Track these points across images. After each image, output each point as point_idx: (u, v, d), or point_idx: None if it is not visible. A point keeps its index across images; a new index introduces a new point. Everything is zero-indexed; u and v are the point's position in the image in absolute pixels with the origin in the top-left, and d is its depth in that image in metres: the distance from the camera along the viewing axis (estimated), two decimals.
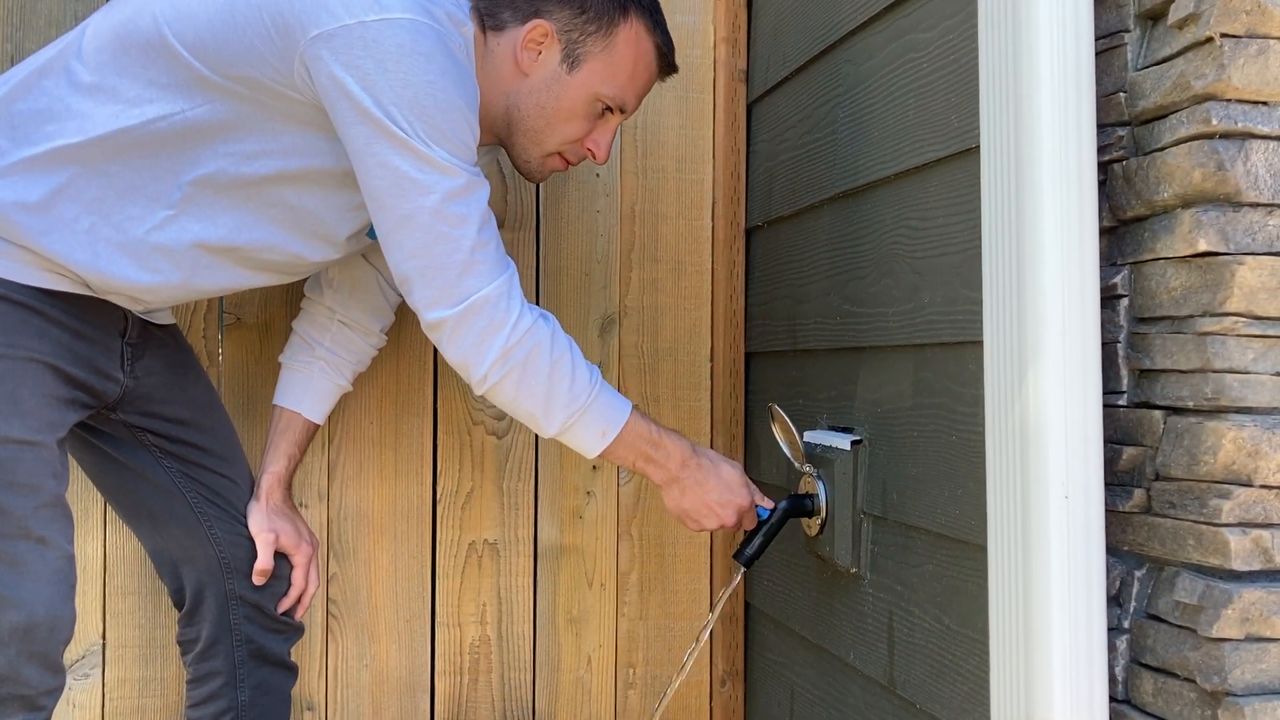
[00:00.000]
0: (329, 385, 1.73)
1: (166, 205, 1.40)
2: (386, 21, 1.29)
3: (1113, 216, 1.17)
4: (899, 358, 1.48)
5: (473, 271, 1.38)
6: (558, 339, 1.45)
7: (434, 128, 1.32)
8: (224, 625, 1.61)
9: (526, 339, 1.41)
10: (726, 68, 2.04)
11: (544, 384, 1.43)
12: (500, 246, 1.42)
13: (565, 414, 1.45)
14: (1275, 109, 1.05)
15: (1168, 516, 1.10)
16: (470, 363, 1.41)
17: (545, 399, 1.44)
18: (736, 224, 2.05)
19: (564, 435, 1.48)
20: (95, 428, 1.56)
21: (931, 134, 1.39)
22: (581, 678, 2.00)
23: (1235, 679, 1.03)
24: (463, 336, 1.39)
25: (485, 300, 1.38)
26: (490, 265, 1.39)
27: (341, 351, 1.73)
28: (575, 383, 1.45)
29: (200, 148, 1.39)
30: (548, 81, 1.49)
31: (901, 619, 1.46)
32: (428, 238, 1.35)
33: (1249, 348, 1.05)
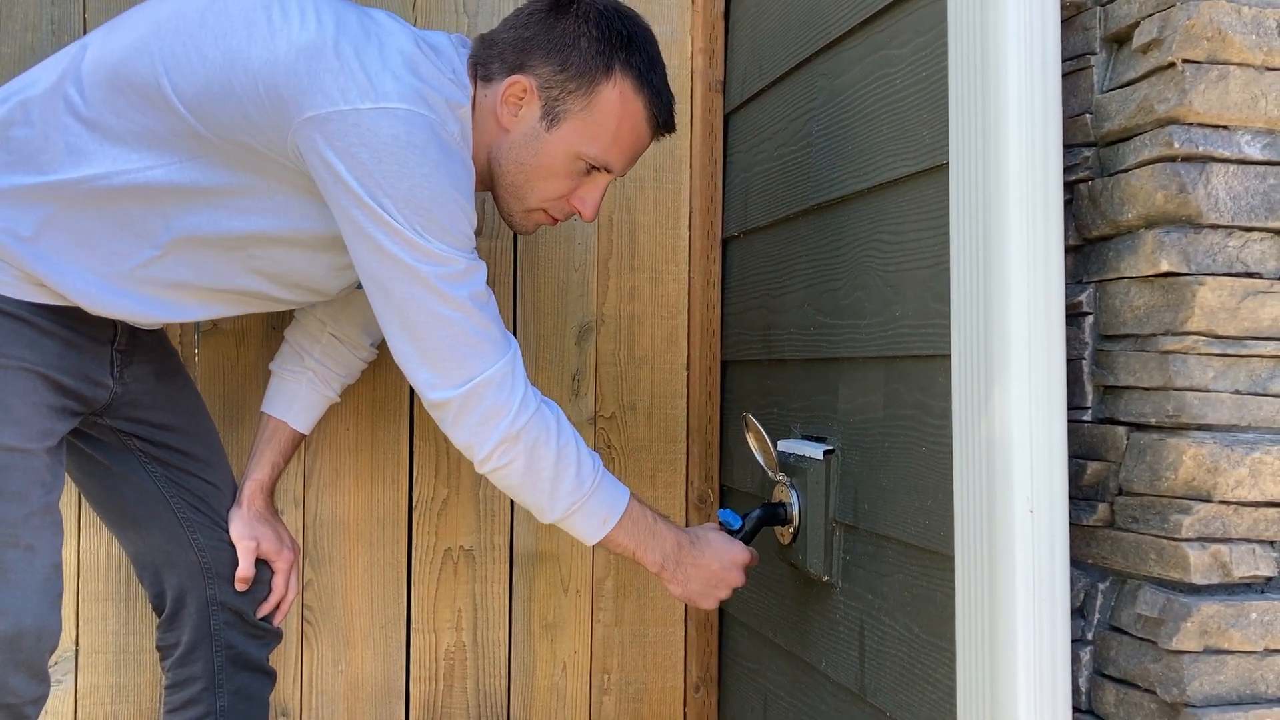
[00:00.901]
0: (316, 396, 1.73)
1: (152, 246, 1.40)
2: (382, 111, 1.29)
3: (1079, 235, 1.19)
4: (871, 369, 1.50)
5: (476, 353, 1.38)
6: (563, 425, 1.45)
7: (430, 221, 1.32)
8: (204, 630, 1.62)
9: (532, 425, 1.41)
10: (704, 78, 2.06)
11: (550, 470, 1.43)
12: (501, 326, 1.43)
13: (569, 501, 1.45)
14: (1235, 133, 1.07)
15: (1130, 531, 1.13)
16: (475, 444, 1.41)
17: (550, 485, 1.43)
18: (713, 234, 2.07)
19: (565, 521, 1.48)
20: (83, 432, 1.56)
21: (904, 149, 1.41)
22: (556, 684, 2.01)
23: (1194, 690, 1.05)
24: (467, 418, 1.39)
25: (489, 382, 1.38)
26: (492, 346, 1.39)
27: (330, 364, 1.73)
28: (580, 469, 1.45)
29: (190, 199, 1.39)
30: (527, 138, 1.47)
31: (872, 627, 1.48)
32: (427, 320, 1.35)
33: (1209, 366, 1.07)
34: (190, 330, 1.85)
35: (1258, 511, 1.07)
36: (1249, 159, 1.07)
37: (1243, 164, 1.07)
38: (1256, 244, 1.08)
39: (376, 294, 1.37)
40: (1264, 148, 1.08)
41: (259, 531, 1.66)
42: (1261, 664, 1.06)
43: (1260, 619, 1.06)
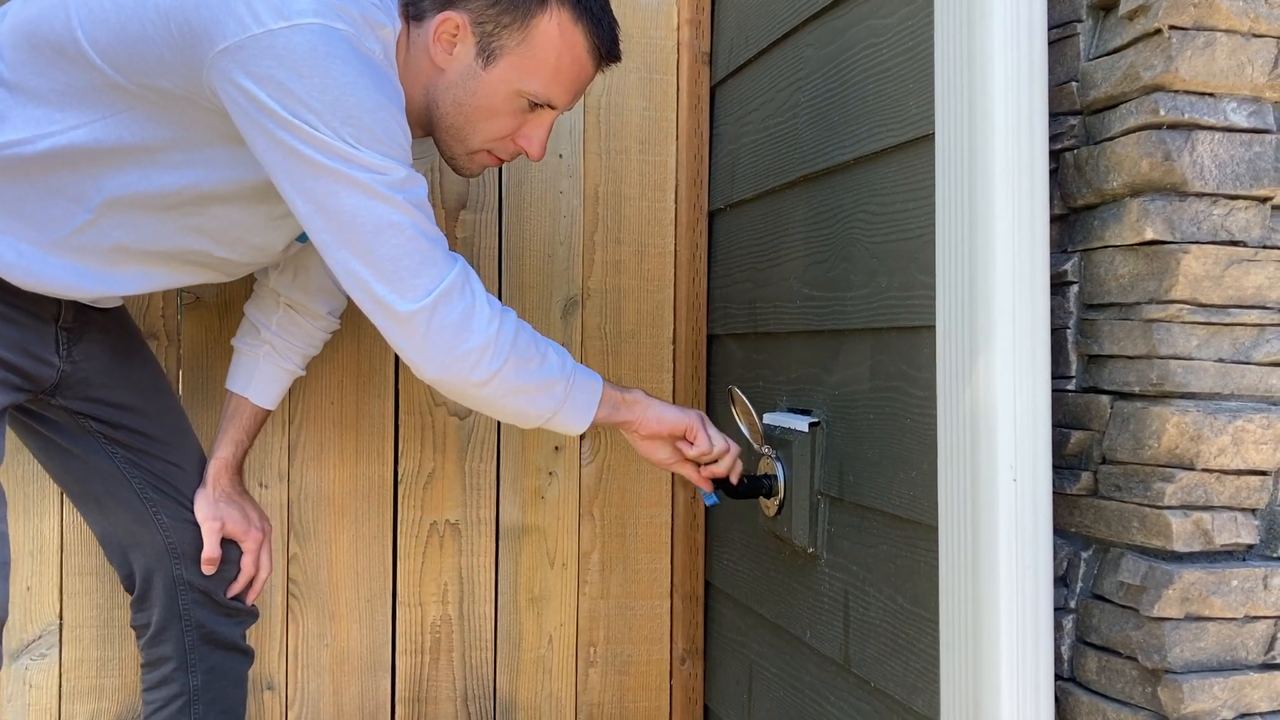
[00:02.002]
0: (275, 370, 1.70)
1: (86, 210, 1.37)
2: (295, 28, 1.22)
3: (1064, 204, 1.19)
4: (857, 341, 1.50)
5: (431, 259, 1.32)
6: (520, 320, 1.42)
7: (360, 128, 1.26)
8: (173, 610, 1.61)
9: (506, 322, 1.37)
10: (690, 50, 2.04)
11: (536, 364, 1.39)
12: (443, 243, 1.37)
13: (562, 388, 1.42)
14: (1221, 100, 1.07)
15: (1113, 499, 1.13)
16: (457, 358, 1.34)
17: (539, 380, 1.39)
18: (699, 207, 2.06)
19: (561, 411, 1.43)
20: (39, 414, 1.55)
21: (890, 120, 1.40)
22: (543, 656, 2.01)
23: (1175, 657, 1.06)
24: (441, 331, 1.32)
25: (453, 288, 1.33)
26: (444, 254, 1.34)
27: (288, 336, 1.70)
28: (553, 351, 1.42)
29: (118, 158, 1.35)
30: (463, 77, 1.41)
31: (857, 598, 1.48)
32: (374, 229, 1.28)
33: (1193, 334, 1.07)
34: (173, 303, 1.84)
35: (1240, 479, 1.07)
36: (1235, 126, 1.07)
37: (1228, 131, 1.07)
38: (1241, 212, 1.07)
39: (317, 220, 1.29)
40: (1250, 115, 1.07)
41: (224, 512, 1.64)
42: (1242, 630, 1.07)
43: (1241, 586, 1.06)
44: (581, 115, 2.01)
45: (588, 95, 2.01)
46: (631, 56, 2.03)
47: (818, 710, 1.61)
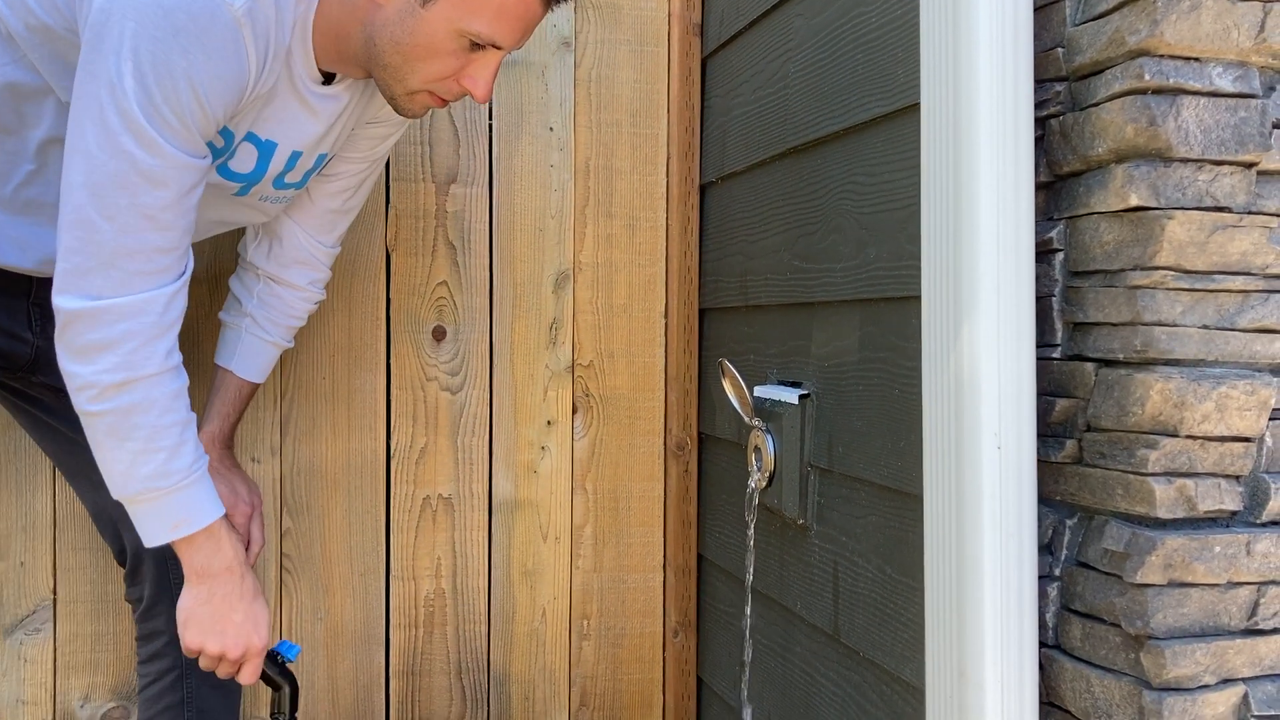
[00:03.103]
0: (258, 343, 1.68)
1: (26, 160, 1.35)
2: None
3: (1050, 172, 1.18)
4: (846, 313, 1.50)
5: (150, 266, 1.24)
6: (178, 401, 1.31)
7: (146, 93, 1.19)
8: (164, 585, 1.61)
9: (138, 385, 1.26)
10: (681, 21, 2.03)
11: (140, 443, 1.28)
12: (172, 257, 1.27)
13: (143, 486, 1.30)
14: (1206, 65, 1.06)
15: (1098, 466, 1.13)
16: (71, 371, 1.26)
17: (130, 461, 1.28)
18: (691, 180, 2.05)
19: (132, 507, 1.33)
20: (25, 393, 1.55)
21: (878, 90, 1.40)
22: (536, 630, 2.02)
23: (1158, 623, 1.06)
24: (72, 337, 1.24)
25: (148, 304, 1.24)
26: (142, 276, 1.24)
27: (269, 309, 1.68)
28: (176, 457, 1.30)
29: (32, 104, 1.33)
30: (401, 15, 1.31)
31: (846, 569, 1.49)
32: (80, 212, 1.21)
33: (1177, 301, 1.07)
34: None
35: (1223, 446, 1.07)
36: (1220, 91, 1.06)
37: (1214, 96, 1.06)
38: (1226, 177, 1.07)
39: (71, 132, 1.22)
40: (1235, 80, 1.07)
41: None
42: (1224, 596, 1.07)
43: (1224, 552, 1.06)
44: (572, 88, 2.00)
45: (578, 67, 2.00)
46: (623, 28, 2.02)
47: (808, 681, 1.61)
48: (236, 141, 1.37)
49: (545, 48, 1.99)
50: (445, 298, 1.96)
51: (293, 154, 1.44)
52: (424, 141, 1.94)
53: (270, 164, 1.43)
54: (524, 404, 2.00)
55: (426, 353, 1.96)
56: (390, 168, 1.94)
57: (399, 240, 1.94)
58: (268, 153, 1.41)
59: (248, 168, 1.42)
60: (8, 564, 1.79)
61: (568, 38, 2.00)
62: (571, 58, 2.00)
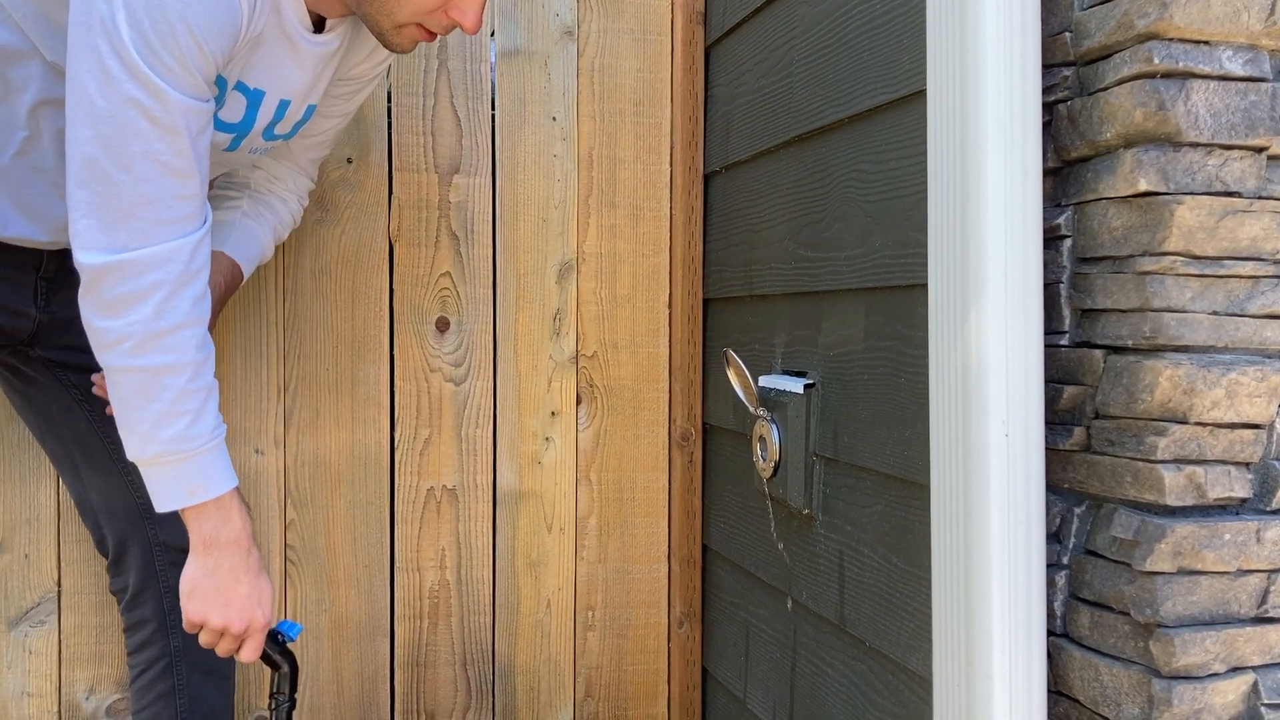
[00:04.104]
0: (251, 231, 1.63)
1: (19, 126, 1.35)
2: None
3: (1058, 157, 1.17)
4: (851, 301, 1.49)
5: (172, 214, 1.22)
6: (207, 367, 1.29)
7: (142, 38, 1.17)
8: (149, 573, 1.60)
9: (169, 339, 1.24)
10: (684, 10, 2.02)
11: (167, 404, 1.26)
12: (193, 204, 1.26)
13: (164, 448, 1.28)
14: (1216, 48, 1.05)
15: (1106, 454, 1.12)
16: (102, 327, 1.24)
17: (154, 422, 1.26)
18: (695, 169, 2.04)
19: (149, 469, 1.31)
20: (20, 369, 1.54)
21: (883, 77, 1.39)
22: (541, 620, 2.01)
23: (1167, 611, 1.05)
24: (101, 293, 1.22)
25: (172, 255, 1.23)
26: (164, 225, 1.23)
27: (260, 206, 1.65)
28: (199, 421, 1.28)
29: (18, 67, 1.32)
30: None
31: (852, 559, 1.48)
32: (93, 167, 1.19)
33: (1187, 287, 1.06)
34: None
35: (1233, 433, 1.06)
36: (1230, 75, 1.05)
37: (1223, 80, 1.05)
38: (1236, 162, 1.06)
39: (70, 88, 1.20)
40: (1245, 63, 1.06)
41: None
42: (1234, 584, 1.06)
43: (1234, 540, 1.06)
44: (575, 77, 2.00)
45: (581, 56, 1.99)
46: (625, 17, 2.01)
47: (814, 671, 1.61)
48: (228, 89, 1.36)
49: (548, 37, 1.98)
50: (449, 288, 1.96)
51: (281, 102, 1.42)
52: (426, 132, 1.94)
53: (259, 113, 1.41)
54: (528, 395, 1.99)
55: (430, 344, 1.95)
56: (393, 158, 1.93)
57: (402, 231, 1.94)
58: (256, 101, 1.39)
59: (237, 117, 1.40)
60: (12, 556, 1.79)
61: (570, 27, 1.99)
62: (574, 47, 1.99)
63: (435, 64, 1.94)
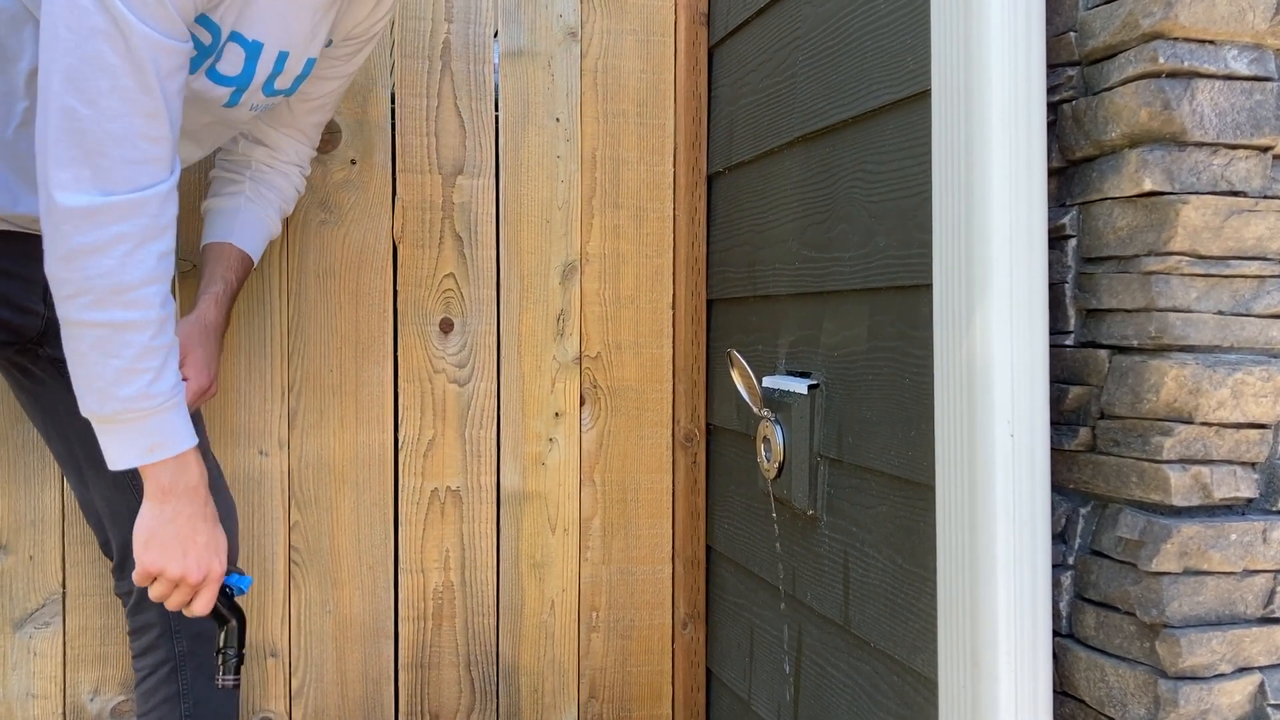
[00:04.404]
0: (256, 216, 1.63)
1: (19, 96, 1.33)
2: None
3: (1062, 157, 1.17)
4: (855, 302, 1.49)
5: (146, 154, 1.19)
6: (169, 325, 1.26)
7: None
8: None
9: (132, 294, 1.20)
10: (688, 10, 2.02)
11: (127, 361, 1.23)
12: (162, 147, 1.22)
13: (123, 406, 1.24)
14: (1221, 48, 1.05)
15: (1112, 454, 1.12)
16: (62, 278, 1.20)
17: (112, 378, 1.23)
18: (698, 169, 2.04)
19: (105, 426, 1.27)
20: (27, 367, 1.54)
21: (887, 77, 1.38)
22: (545, 622, 2.01)
23: (1173, 611, 1.05)
24: (60, 240, 1.18)
25: (149, 200, 1.20)
26: (131, 165, 1.19)
27: (263, 186, 1.65)
28: (160, 379, 1.25)
29: (12, 34, 1.30)
30: None
31: (857, 560, 1.48)
32: (59, 100, 1.16)
33: (1192, 286, 1.06)
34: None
35: (1239, 433, 1.06)
36: (1235, 74, 1.05)
37: (1229, 79, 1.05)
38: (1241, 161, 1.06)
39: (43, 23, 1.18)
40: (1251, 63, 1.05)
41: (194, 347, 1.52)
42: (1240, 585, 1.06)
43: (1240, 540, 1.05)
44: (578, 78, 2.00)
45: (584, 57, 1.99)
46: (629, 18, 2.01)
47: (819, 673, 1.61)
48: (223, 40, 1.34)
49: (551, 38, 1.98)
50: (452, 289, 1.96)
51: (280, 54, 1.41)
52: (430, 133, 1.94)
53: (258, 66, 1.40)
54: (532, 396, 1.99)
55: (434, 345, 1.95)
56: (396, 159, 1.93)
57: (406, 232, 1.94)
58: (254, 53, 1.38)
59: (236, 70, 1.38)
60: (16, 558, 1.79)
61: (574, 28, 1.99)
62: (578, 48, 1.99)
63: (439, 65, 1.94)
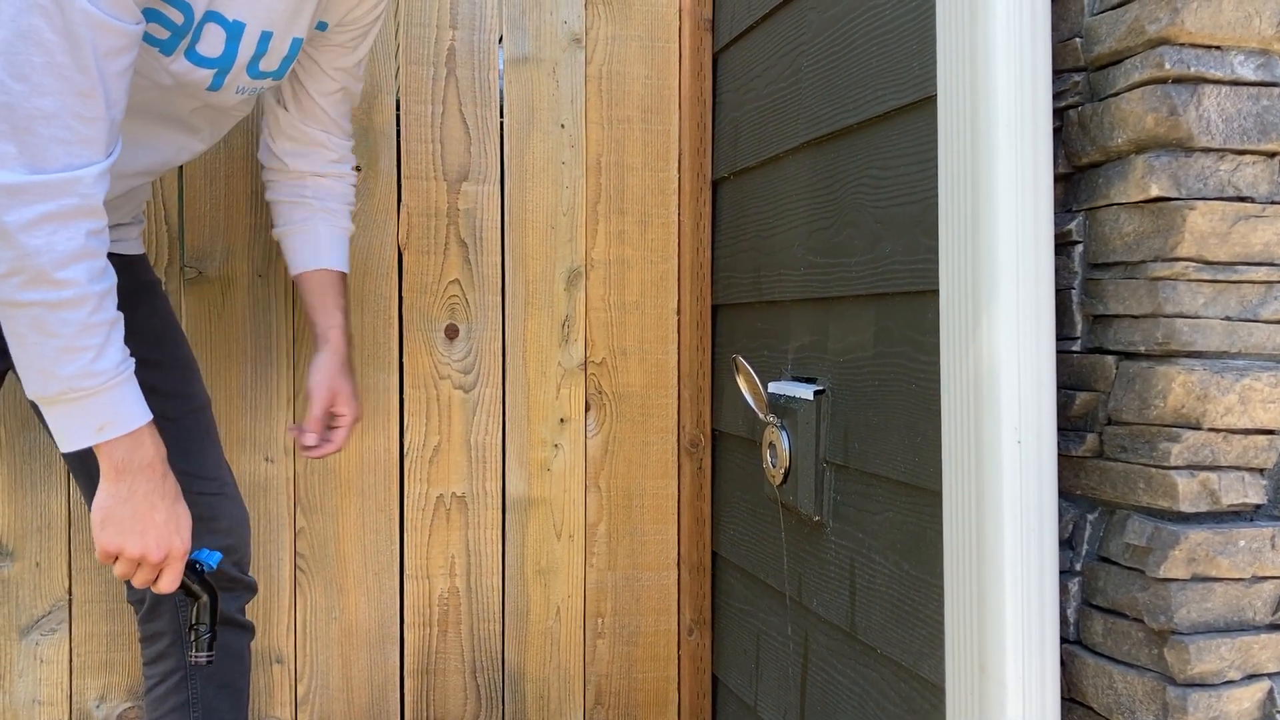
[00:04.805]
0: (338, 231, 1.67)
1: None
2: None
3: (1069, 163, 1.17)
4: (861, 308, 1.49)
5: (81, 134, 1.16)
6: (109, 300, 1.23)
7: None
8: None
9: (63, 272, 1.18)
10: (692, 16, 2.02)
11: (65, 340, 1.20)
12: (96, 129, 1.18)
13: (66, 385, 1.22)
14: (1228, 53, 1.05)
15: (1119, 460, 1.12)
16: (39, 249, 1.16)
17: (53, 358, 1.20)
18: (703, 175, 2.04)
19: (52, 408, 1.24)
20: None
21: (893, 82, 1.38)
22: (550, 628, 2.01)
23: (1181, 618, 1.05)
24: (30, 211, 1.15)
25: (78, 181, 1.17)
26: (60, 145, 1.16)
27: (330, 198, 1.67)
28: (102, 356, 1.22)
29: None
30: None
31: (863, 566, 1.48)
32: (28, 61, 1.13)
33: (1199, 292, 1.06)
34: (175, 279, 1.83)
35: (1247, 439, 1.06)
36: (1242, 80, 1.05)
37: (1235, 85, 1.05)
38: (1249, 167, 1.06)
39: None
40: (1257, 68, 1.05)
41: (338, 383, 1.64)
42: (1249, 591, 1.06)
43: (1249, 546, 1.05)
44: (583, 84, 2.00)
45: (589, 64, 2.00)
46: (634, 23, 2.01)
47: (825, 679, 1.60)
48: (197, 20, 1.32)
49: (556, 44, 1.99)
50: (457, 296, 1.96)
51: (263, 34, 1.39)
52: (435, 140, 1.94)
53: (240, 46, 1.38)
54: (537, 402, 1.99)
55: (439, 351, 1.95)
56: (401, 165, 1.93)
57: (411, 238, 1.94)
58: (236, 33, 1.36)
59: (216, 51, 1.36)
60: (23, 564, 1.79)
61: (578, 34, 1.99)
62: (582, 54, 2.00)
63: (444, 72, 1.94)
